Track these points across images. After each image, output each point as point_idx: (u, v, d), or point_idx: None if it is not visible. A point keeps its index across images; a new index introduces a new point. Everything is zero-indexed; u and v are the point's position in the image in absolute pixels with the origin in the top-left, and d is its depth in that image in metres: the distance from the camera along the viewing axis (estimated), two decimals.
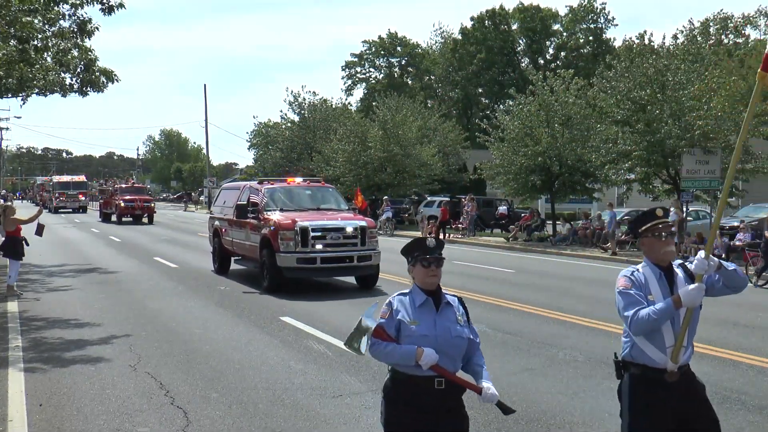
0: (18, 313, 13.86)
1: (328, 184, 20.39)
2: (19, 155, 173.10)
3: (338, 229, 16.20)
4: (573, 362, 9.95)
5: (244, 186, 19.59)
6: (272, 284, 16.03)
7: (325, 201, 18.27)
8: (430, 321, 4.40)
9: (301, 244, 15.71)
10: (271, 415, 7.61)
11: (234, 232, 18.83)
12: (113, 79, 22.09)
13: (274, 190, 18.05)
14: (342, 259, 16.10)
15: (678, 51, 28.04)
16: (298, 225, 15.80)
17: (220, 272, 19.66)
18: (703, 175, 24.55)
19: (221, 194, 21.86)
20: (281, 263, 15.76)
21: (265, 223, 16.51)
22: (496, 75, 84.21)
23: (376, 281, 16.94)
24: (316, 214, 16.86)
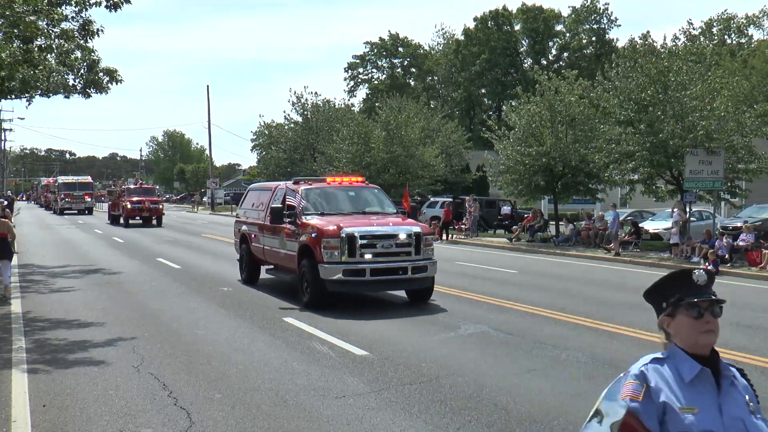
0: (21, 314, 13.88)
1: (373, 185, 17.93)
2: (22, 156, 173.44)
3: (390, 236, 14.07)
4: (576, 363, 9.94)
5: (276, 187, 17.34)
6: (314, 299, 13.98)
7: (370, 203, 16.20)
8: (712, 408, 2.86)
9: (347, 253, 13.67)
10: (274, 416, 7.61)
11: (266, 239, 16.88)
12: (116, 79, 22.08)
13: (313, 191, 15.88)
14: (395, 271, 14.00)
15: (680, 51, 28.01)
16: (344, 231, 13.74)
17: (249, 282, 17.82)
18: (706, 175, 24.52)
19: (248, 196, 19.66)
20: (325, 275, 13.72)
21: (304, 230, 14.52)
22: (499, 76, 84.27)
23: (430, 295, 14.94)
24: (362, 219, 14.82)
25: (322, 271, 13.75)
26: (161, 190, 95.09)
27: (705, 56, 28.37)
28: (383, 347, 10.77)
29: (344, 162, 44.31)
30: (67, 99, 22.60)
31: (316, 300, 13.98)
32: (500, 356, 10.38)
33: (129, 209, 44.95)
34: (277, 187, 17.19)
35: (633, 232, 28.14)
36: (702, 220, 29.71)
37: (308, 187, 15.99)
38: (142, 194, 46.91)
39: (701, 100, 25.16)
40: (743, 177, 26.98)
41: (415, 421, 7.47)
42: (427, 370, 9.49)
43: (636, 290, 17.50)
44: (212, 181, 76.61)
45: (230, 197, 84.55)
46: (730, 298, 16.63)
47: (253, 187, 20.35)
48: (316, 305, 13.89)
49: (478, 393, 8.44)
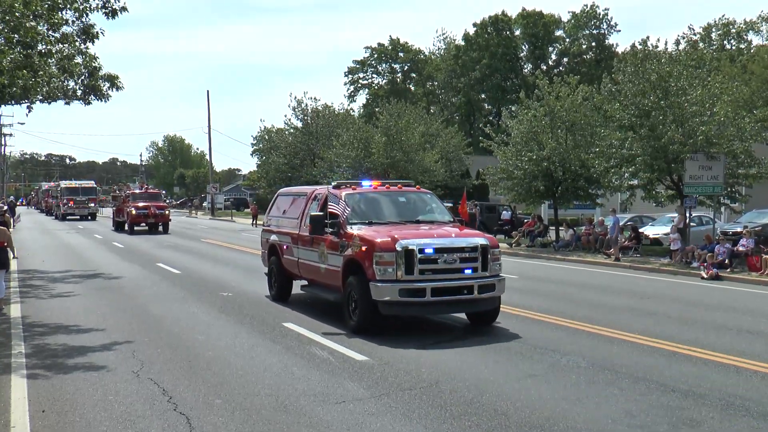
0: (21, 318, 13.87)
1: (425, 189, 15.88)
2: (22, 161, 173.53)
3: (453, 250, 12.11)
4: (576, 368, 9.93)
5: (313, 192, 15.34)
6: (364, 323, 12.13)
7: (423, 211, 14.26)
8: None
9: (404, 270, 11.77)
10: (275, 422, 7.61)
11: (301, 251, 14.82)
12: (117, 86, 22.08)
13: (359, 197, 13.88)
14: (459, 290, 12.08)
15: (681, 57, 28.05)
16: (400, 244, 11.83)
17: (279, 300, 15.87)
18: (706, 180, 24.53)
19: (278, 202, 17.37)
20: (377, 295, 11.83)
21: (350, 241, 12.59)
22: (499, 81, 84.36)
23: (496, 317, 13.10)
24: (417, 229, 12.85)
25: (374, 291, 11.83)
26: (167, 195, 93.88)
27: (705, 61, 28.40)
28: (383, 352, 10.77)
29: (344, 167, 44.35)
30: (68, 105, 22.60)
31: (367, 324, 12.09)
32: (500, 361, 10.37)
33: (134, 215, 42.74)
34: (314, 191, 15.23)
35: (633, 237, 28.15)
36: (702, 225, 29.71)
37: (353, 192, 13.92)
38: (148, 199, 44.42)
39: (701, 106, 25.19)
40: (743, 182, 26.99)
41: (415, 427, 7.46)
42: (427, 375, 9.48)
43: (636, 295, 17.51)
44: (212, 186, 76.68)
45: (230, 202, 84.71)
46: (731, 304, 16.68)
47: (283, 192, 17.83)
48: (366, 330, 12.04)
49: (478, 398, 8.43)
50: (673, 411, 7.99)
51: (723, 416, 7.87)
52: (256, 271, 22.16)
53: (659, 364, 10.09)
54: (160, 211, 43.40)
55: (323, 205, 13.81)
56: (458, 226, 13.64)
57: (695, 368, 9.95)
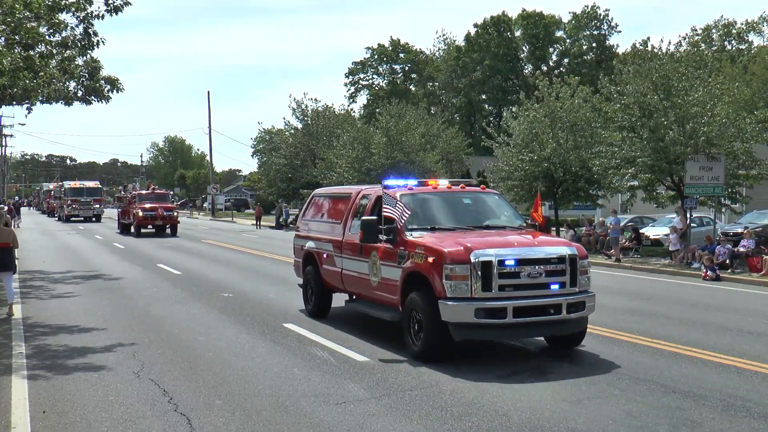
0: (21, 319, 13.88)
1: (491, 190, 13.97)
2: (23, 162, 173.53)
3: (538, 261, 10.27)
4: (577, 369, 9.93)
5: (358, 193, 13.39)
6: (430, 349, 10.28)
7: (491, 214, 12.40)
8: None
9: (482, 285, 9.93)
10: (275, 422, 7.61)
11: (346, 261, 12.85)
12: (118, 88, 22.07)
13: (417, 198, 11.99)
14: (544, 310, 10.23)
15: (682, 57, 28.05)
16: (475, 254, 9.98)
17: (318, 316, 13.97)
18: (707, 181, 24.53)
19: (314, 203, 15.35)
20: (449, 316, 9.97)
21: (412, 250, 10.76)
22: (500, 82, 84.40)
23: (582, 340, 11.28)
24: (490, 236, 11.09)
25: (445, 311, 9.97)
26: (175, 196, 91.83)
27: (706, 62, 28.41)
28: (384, 353, 10.77)
29: (345, 168, 44.36)
30: (68, 107, 22.57)
31: (435, 350, 10.28)
32: (501, 363, 10.37)
33: (141, 217, 40.84)
34: (361, 192, 13.37)
35: (633, 238, 28.15)
36: (702, 226, 29.70)
37: (410, 193, 12.10)
38: (155, 201, 42.53)
39: (702, 106, 25.19)
40: (744, 183, 26.99)
41: (416, 427, 7.46)
42: (428, 376, 9.48)
43: (637, 296, 17.51)
44: (213, 186, 76.68)
45: (231, 203, 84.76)
46: (732, 305, 16.66)
47: (320, 193, 15.76)
48: (433, 357, 10.23)
49: (479, 399, 8.43)
50: (673, 412, 7.99)
51: (723, 417, 7.87)
52: (256, 271, 22.21)
53: (660, 364, 10.08)
54: (168, 213, 41.73)
55: (372, 208, 12.17)
56: (532, 232, 11.77)
57: (696, 369, 9.95)
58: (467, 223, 11.73)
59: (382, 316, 11.79)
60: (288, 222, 52.98)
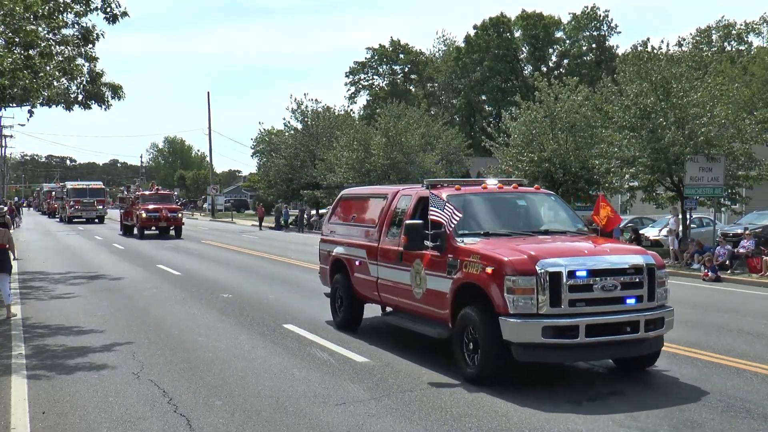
0: (21, 320, 13.87)
1: (547, 190, 12.42)
2: (23, 163, 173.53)
3: (612, 272, 9.04)
4: (575, 370, 9.93)
5: (395, 193, 12.10)
6: (488, 371, 9.07)
7: (547, 217, 11.32)
8: None
9: (550, 300, 8.73)
10: (275, 423, 7.61)
11: (383, 269, 11.59)
12: (120, 95, 22.02)
13: (466, 199, 10.62)
14: (620, 328, 9.01)
15: (681, 58, 28.06)
16: (541, 264, 8.78)
17: (346, 328, 12.72)
18: (706, 182, 24.54)
19: (342, 205, 14.07)
20: (512, 335, 8.77)
21: (465, 258, 9.51)
22: (499, 82, 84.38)
23: (655, 360, 9.98)
24: (553, 242, 9.97)
25: (507, 329, 8.76)
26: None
27: (706, 63, 28.42)
28: (383, 354, 10.76)
29: (344, 168, 44.38)
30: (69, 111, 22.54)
31: (493, 373, 9.08)
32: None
33: (144, 218, 39.70)
34: (398, 192, 12.08)
35: (633, 238, 28.15)
36: (702, 227, 29.71)
37: (458, 194, 10.70)
38: (159, 201, 41.19)
39: (702, 107, 25.21)
40: (743, 184, 27.00)
41: (416, 428, 7.46)
42: (428, 376, 9.48)
43: None
44: (212, 187, 76.67)
45: (230, 204, 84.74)
46: (731, 306, 16.65)
47: (349, 194, 14.40)
48: (492, 380, 9.04)
49: (479, 400, 8.43)
50: (673, 413, 7.99)
51: (723, 418, 7.87)
52: (256, 272, 22.21)
53: (659, 365, 10.07)
54: (173, 215, 40.41)
55: (413, 211, 11.03)
56: (593, 237, 10.64)
57: (695, 370, 9.95)
58: (523, 228, 10.55)
59: (426, 332, 10.54)
60: (288, 223, 52.98)
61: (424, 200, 10.78)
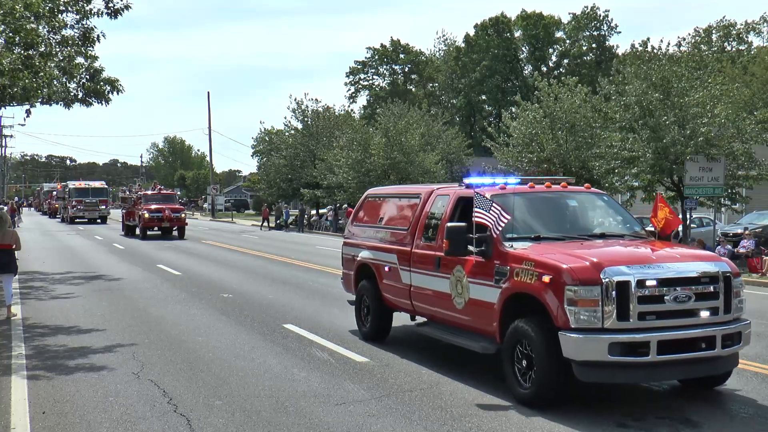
0: (21, 320, 13.88)
1: (597, 189, 11.47)
2: (23, 163, 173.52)
3: (684, 281, 8.09)
4: None
5: (430, 193, 11.10)
6: (546, 392, 8.13)
7: (602, 219, 10.40)
8: None
9: (617, 312, 7.79)
10: (275, 423, 7.61)
11: (418, 276, 10.64)
12: (118, 89, 22.05)
13: (512, 200, 9.51)
14: (694, 344, 8.04)
15: (683, 58, 28.07)
16: (607, 272, 7.87)
17: (374, 339, 11.77)
18: (706, 182, 24.54)
19: (368, 205, 13.04)
20: (574, 352, 7.86)
21: (517, 265, 8.56)
22: (500, 82, 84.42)
23: (727, 379, 9.11)
24: (615, 247, 9.07)
25: (568, 345, 7.86)
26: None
27: (706, 63, 28.43)
28: (383, 354, 10.76)
29: (344, 168, 44.39)
30: (68, 110, 22.55)
31: (552, 394, 8.16)
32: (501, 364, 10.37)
33: (147, 219, 39.03)
34: (433, 192, 11.07)
35: None
36: (702, 227, 29.70)
37: (503, 193, 9.70)
38: (162, 201, 40.64)
39: (702, 107, 25.21)
40: (743, 184, 27.01)
41: (416, 428, 7.46)
42: (428, 376, 9.48)
43: None
44: (213, 187, 76.70)
45: (230, 203, 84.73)
46: None
47: (376, 194, 13.32)
48: (550, 402, 8.14)
49: (479, 399, 8.43)
50: (674, 413, 7.98)
51: (724, 418, 7.86)
52: (256, 272, 22.21)
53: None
54: (176, 215, 39.91)
55: (452, 212, 10.12)
56: (653, 242, 9.70)
57: None
58: (576, 231, 9.61)
59: (468, 345, 9.52)
60: (288, 222, 52.97)
61: (463, 200, 9.97)
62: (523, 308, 8.49)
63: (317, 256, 27.39)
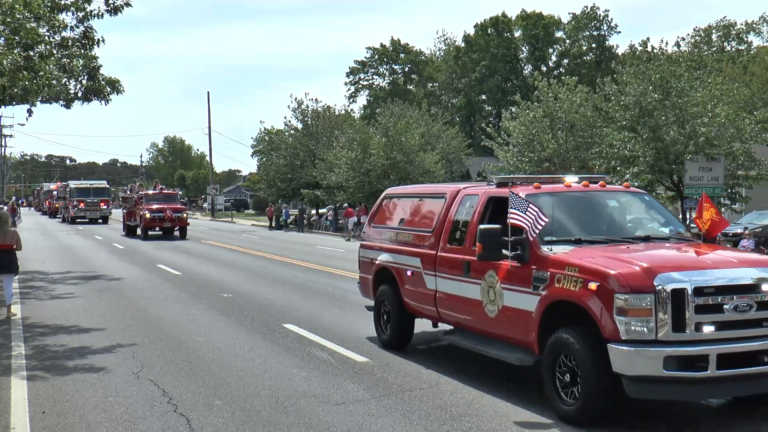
0: (21, 320, 13.87)
1: (637, 189, 11.08)
2: (22, 162, 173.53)
3: (745, 288, 7.41)
4: None
5: (456, 192, 10.34)
6: (592, 408, 7.50)
7: (645, 221, 9.80)
8: None
9: (672, 323, 7.12)
10: (274, 423, 7.61)
11: (444, 281, 9.93)
12: (118, 90, 22.02)
13: (548, 200, 9.00)
14: (757, 358, 7.35)
15: (682, 58, 28.09)
16: (661, 279, 7.22)
17: (395, 347, 11.08)
18: (706, 182, 24.55)
19: (387, 206, 12.32)
20: (625, 366, 7.19)
21: (558, 271, 7.91)
22: (499, 82, 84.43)
23: None
24: (664, 250, 8.53)
25: (619, 359, 7.18)
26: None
27: (706, 63, 28.46)
28: (383, 353, 10.76)
29: (344, 168, 44.41)
30: (68, 109, 22.54)
31: (599, 412, 7.55)
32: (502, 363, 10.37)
33: (148, 219, 38.43)
34: (460, 191, 10.31)
35: None
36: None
37: (538, 193, 9.11)
38: (163, 201, 39.89)
39: (702, 107, 25.22)
40: (743, 183, 27.01)
41: (416, 428, 7.46)
42: (428, 376, 9.48)
43: None
44: (212, 187, 76.70)
45: (230, 203, 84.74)
46: None
47: (395, 193, 12.65)
48: (595, 419, 7.54)
49: (479, 399, 8.43)
50: (674, 413, 7.98)
51: (726, 419, 7.86)
52: (256, 272, 22.21)
53: None
54: (177, 215, 39.35)
55: (482, 214, 9.40)
56: (700, 245, 9.11)
57: None
58: (619, 234, 8.98)
59: (502, 357, 8.84)
60: (288, 222, 52.97)
61: (494, 201, 9.35)
62: (564, 317, 7.86)
63: (317, 256, 27.40)
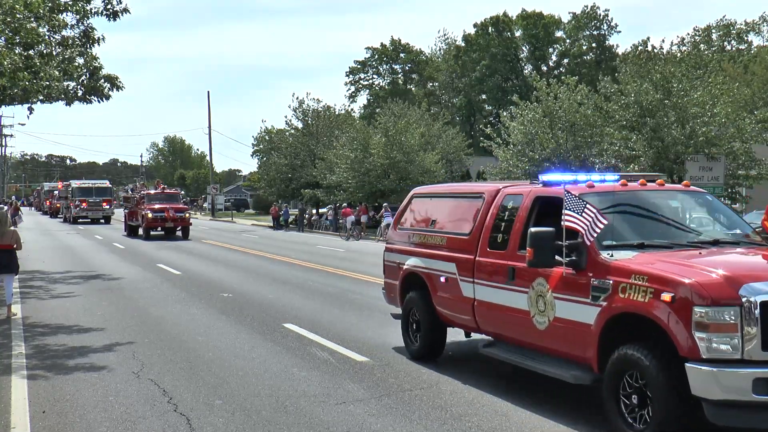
0: (21, 319, 13.88)
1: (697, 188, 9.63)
2: (23, 162, 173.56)
3: None
4: None
5: (496, 192, 9.43)
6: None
7: (709, 223, 9.09)
8: None
9: (762, 340, 6.28)
10: (275, 423, 7.61)
11: (483, 289, 9.08)
12: (117, 86, 22.06)
13: (606, 200, 8.08)
14: None
15: (683, 58, 28.12)
16: (747, 290, 6.36)
17: (426, 358, 10.28)
18: (707, 181, 24.56)
19: (415, 206, 11.43)
20: (705, 389, 6.34)
21: (618, 279, 7.09)
22: (500, 82, 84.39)
23: None
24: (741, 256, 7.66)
25: (699, 380, 6.35)
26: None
27: (706, 63, 28.48)
28: (383, 353, 10.76)
29: (344, 168, 44.45)
30: (68, 107, 22.56)
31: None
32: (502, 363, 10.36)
33: (150, 219, 38.28)
34: (499, 191, 9.40)
35: None
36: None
37: (593, 192, 8.24)
38: (165, 201, 39.68)
39: (702, 107, 25.24)
40: (744, 183, 27.03)
41: (416, 428, 7.46)
42: (428, 376, 9.48)
43: None
44: (213, 187, 76.73)
45: (230, 203, 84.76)
46: None
47: (424, 193, 11.84)
48: None
49: (479, 399, 8.43)
50: None
51: None
52: (256, 272, 22.22)
53: None
54: (180, 215, 38.99)
55: (527, 216, 8.57)
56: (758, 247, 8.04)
57: None
58: (684, 237, 8.07)
59: (555, 374, 7.98)
60: (288, 222, 52.97)
61: (540, 200, 8.55)
62: (629, 331, 7.04)
63: (317, 256, 27.41)
